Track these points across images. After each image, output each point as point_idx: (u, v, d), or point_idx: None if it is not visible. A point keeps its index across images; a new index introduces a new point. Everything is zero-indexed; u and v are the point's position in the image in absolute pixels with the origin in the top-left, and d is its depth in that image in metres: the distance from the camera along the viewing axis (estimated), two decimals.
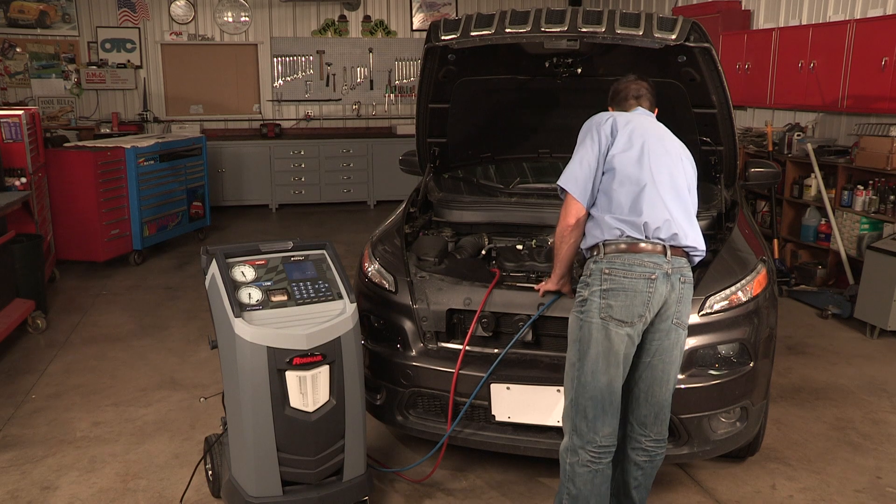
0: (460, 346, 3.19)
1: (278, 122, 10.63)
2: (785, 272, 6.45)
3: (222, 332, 2.79)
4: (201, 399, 4.26)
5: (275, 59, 10.59)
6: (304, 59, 10.68)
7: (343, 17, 10.77)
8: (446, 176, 4.39)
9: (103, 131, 9.77)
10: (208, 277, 2.88)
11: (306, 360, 2.73)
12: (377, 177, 10.40)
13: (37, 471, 3.53)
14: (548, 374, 3.09)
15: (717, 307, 3.09)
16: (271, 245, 2.99)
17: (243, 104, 10.67)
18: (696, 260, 2.82)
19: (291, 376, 2.74)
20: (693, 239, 2.76)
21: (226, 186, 9.99)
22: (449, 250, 3.75)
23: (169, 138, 8.15)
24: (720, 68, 3.40)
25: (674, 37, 3.20)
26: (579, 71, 3.79)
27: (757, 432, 3.39)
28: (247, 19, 10.48)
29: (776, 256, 6.52)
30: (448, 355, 3.21)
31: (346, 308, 2.88)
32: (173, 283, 6.72)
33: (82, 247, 6.88)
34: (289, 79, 10.68)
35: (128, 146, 7.13)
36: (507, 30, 3.33)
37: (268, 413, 2.73)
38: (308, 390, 2.77)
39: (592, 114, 4.13)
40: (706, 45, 3.28)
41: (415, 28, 11.01)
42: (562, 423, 2.83)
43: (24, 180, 6.01)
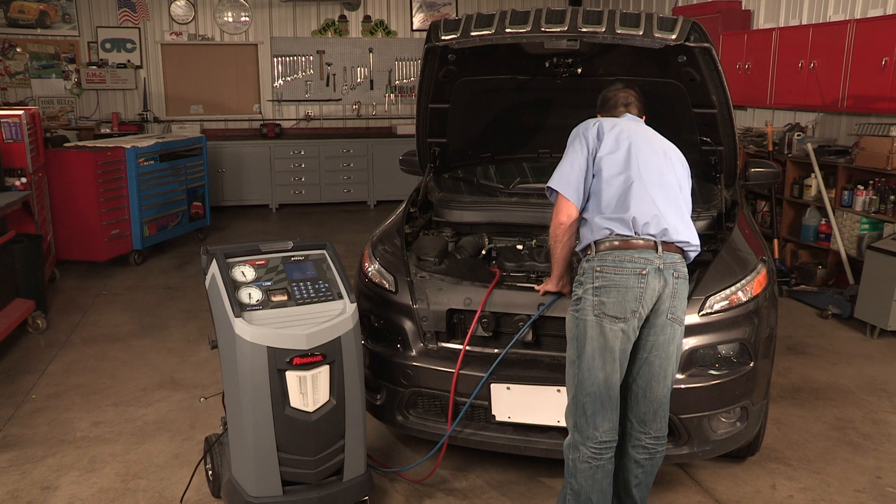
0: (460, 346, 3.19)
1: (278, 122, 10.63)
2: (785, 272, 6.45)
3: (222, 332, 2.79)
4: (201, 399, 4.26)
5: (275, 59, 10.59)
6: (304, 59, 10.68)
7: (343, 17, 10.77)
8: (446, 176, 4.39)
9: (103, 131, 9.77)
10: (208, 277, 2.88)
11: (306, 360, 2.73)
12: (377, 177, 10.40)
13: (37, 471, 3.53)
14: (548, 374, 3.09)
15: (717, 307, 3.09)
16: (271, 245, 2.99)
17: (243, 104, 10.67)
18: (692, 255, 2.83)
19: (291, 376, 2.74)
20: (685, 235, 2.77)
21: (226, 186, 9.99)
22: (449, 250, 3.75)
23: (169, 138, 8.15)
24: (720, 68, 3.40)
25: (674, 37, 3.20)
26: (579, 71, 3.79)
27: (757, 432, 3.39)
28: (247, 19, 10.48)
29: (776, 256, 6.53)
30: (448, 355, 3.21)
31: (347, 308, 2.88)
32: (173, 283, 6.72)
33: (82, 247, 6.88)
34: (289, 79, 10.68)
35: (128, 146, 7.13)
36: (507, 30, 3.33)
37: (268, 413, 2.73)
38: (308, 390, 2.77)
39: (593, 114, 4.12)
40: (706, 45, 3.28)
41: (415, 28, 11.01)
42: (565, 421, 2.86)
43: (24, 180, 6.01)
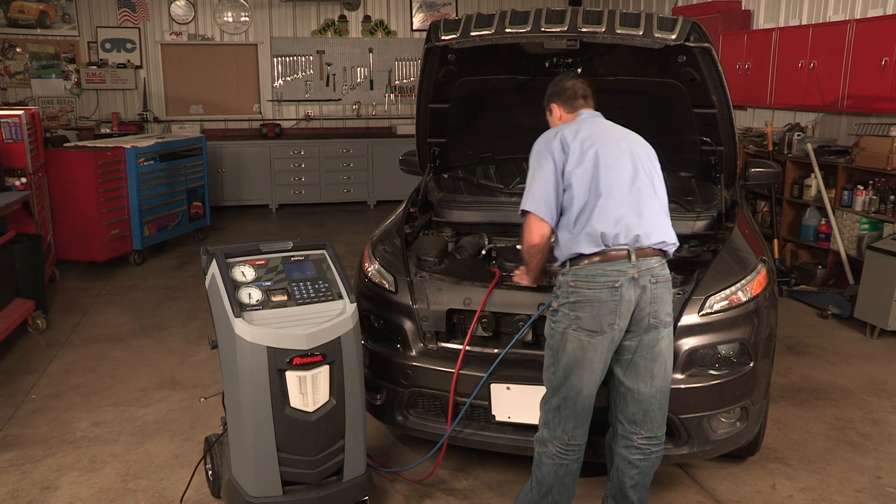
0: (460, 346, 3.19)
1: (278, 122, 10.63)
2: (785, 272, 6.45)
3: (222, 332, 2.79)
4: (201, 399, 4.26)
5: (275, 59, 10.59)
6: (304, 59, 10.68)
7: (343, 17, 10.77)
8: (446, 176, 4.39)
9: (103, 131, 9.77)
10: (208, 277, 2.88)
11: (306, 360, 2.73)
12: (377, 177, 10.39)
13: (37, 471, 3.53)
14: None
15: (717, 307, 3.09)
16: (271, 245, 2.99)
17: (243, 104, 10.67)
18: (671, 252, 2.82)
19: (291, 376, 2.74)
20: (660, 235, 2.76)
21: (226, 186, 9.99)
22: (449, 250, 3.75)
23: (169, 138, 8.15)
24: (720, 68, 3.40)
25: (674, 37, 3.20)
26: (579, 71, 3.79)
27: (757, 432, 3.39)
28: (247, 19, 10.48)
29: (776, 256, 6.52)
30: (448, 355, 3.21)
31: (346, 308, 2.88)
32: (173, 283, 6.72)
33: (82, 247, 6.88)
34: (289, 79, 10.68)
35: (128, 146, 7.13)
36: (507, 30, 3.33)
37: (268, 413, 2.73)
38: (308, 390, 2.77)
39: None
40: (706, 45, 3.28)
41: (415, 28, 11.00)
42: (539, 412, 2.89)
43: (24, 180, 6.01)
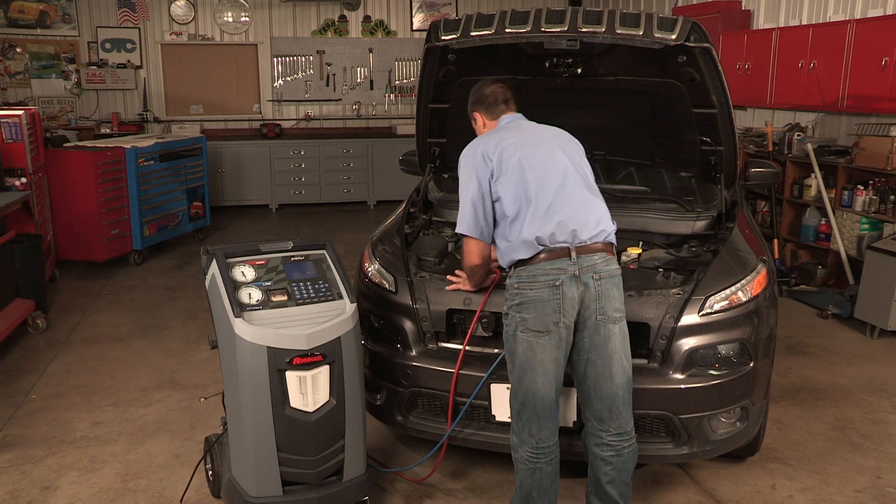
0: (460, 346, 3.19)
1: (278, 122, 10.62)
2: (785, 272, 6.45)
3: (222, 332, 2.79)
4: (201, 399, 4.26)
5: (275, 59, 10.58)
6: (304, 59, 10.68)
7: (343, 17, 10.77)
8: (446, 176, 4.39)
9: (103, 131, 9.77)
10: (208, 277, 2.88)
11: (306, 360, 2.73)
12: (377, 177, 10.39)
13: (37, 471, 3.53)
14: None
15: (717, 307, 3.09)
16: (271, 245, 2.98)
17: (243, 104, 10.67)
18: (611, 236, 2.84)
19: (291, 376, 2.74)
20: (595, 223, 2.78)
21: (226, 186, 9.99)
22: (449, 250, 3.75)
23: (169, 138, 8.15)
24: (720, 68, 3.40)
25: (674, 37, 3.20)
26: (579, 71, 3.79)
27: (757, 432, 3.39)
28: (247, 19, 10.48)
29: (776, 256, 6.52)
30: (448, 355, 3.21)
31: (346, 308, 2.88)
32: (173, 283, 6.72)
33: (82, 247, 6.87)
34: (289, 79, 10.68)
35: (128, 146, 7.13)
36: (507, 30, 3.32)
37: (268, 413, 2.73)
38: (308, 390, 2.77)
39: (592, 113, 4.12)
40: (706, 45, 3.28)
41: (415, 28, 11.00)
42: None
43: (24, 180, 6.01)
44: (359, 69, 10.88)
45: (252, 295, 2.81)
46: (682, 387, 3.00)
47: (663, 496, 3.34)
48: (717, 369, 3.07)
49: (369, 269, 3.53)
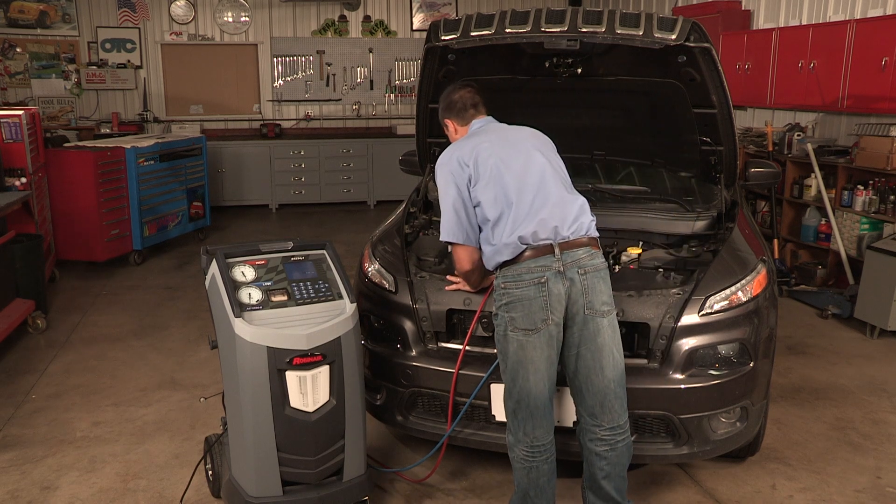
0: (460, 346, 3.19)
1: (278, 122, 10.63)
2: (785, 272, 6.45)
3: (222, 332, 2.79)
4: (201, 399, 4.26)
5: (275, 59, 10.58)
6: (304, 59, 10.68)
7: (343, 17, 10.77)
8: None
9: (103, 131, 9.77)
10: (208, 277, 2.88)
11: (306, 360, 2.73)
12: (377, 177, 10.39)
13: (37, 471, 3.53)
14: None
15: (717, 307, 3.09)
16: (271, 245, 2.98)
17: (243, 104, 10.67)
18: (592, 228, 2.84)
19: (291, 376, 2.74)
20: (574, 218, 2.79)
21: (226, 186, 9.99)
22: (448, 250, 3.74)
23: (169, 138, 8.15)
24: (720, 68, 3.40)
25: (674, 37, 3.20)
26: (579, 71, 3.79)
27: (757, 432, 3.39)
28: (247, 19, 10.48)
29: (776, 256, 6.52)
30: (448, 355, 3.21)
31: (346, 308, 2.88)
32: (173, 283, 6.72)
33: (82, 247, 6.87)
34: (289, 79, 10.68)
35: (128, 146, 7.13)
36: (507, 30, 3.32)
37: (268, 413, 2.73)
38: (308, 390, 2.77)
39: (592, 113, 4.11)
40: (706, 45, 3.28)
41: (415, 28, 11.00)
42: None
43: (24, 180, 6.01)
44: (359, 69, 10.88)
45: (252, 295, 2.81)
46: (682, 387, 3.00)
47: (663, 496, 3.34)
48: (716, 369, 3.07)
49: (369, 269, 3.53)
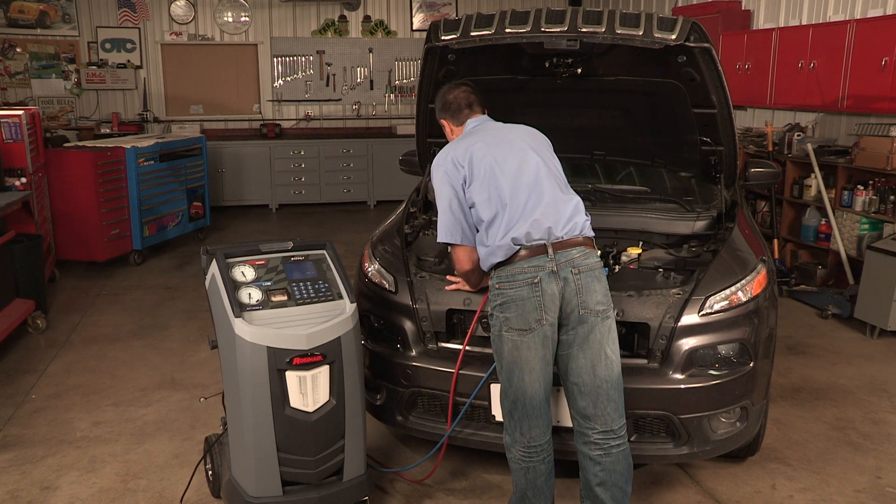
0: (460, 346, 3.19)
1: (278, 122, 10.63)
2: (785, 272, 6.45)
3: (222, 332, 2.79)
4: (201, 399, 4.26)
5: (275, 59, 10.59)
6: (304, 59, 10.68)
7: (343, 17, 10.77)
8: None
9: (103, 131, 9.77)
10: (208, 277, 2.88)
11: (306, 360, 2.73)
12: (377, 177, 10.40)
13: (37, 471, 3.53)
14: None
15: (717, 307, 3.09)
16: (271, 245, 2.98)
17: (243, 104, 10.67)
18: (587, 228, 2.83)
19: (291, 376, 2.74)
20: (568, 218, 2.78)
21: (226, 186, 9.99)
22: (448, 250, 3.74)
23: (169, 138, 8.15)
24: (720, 68, 3.40)
25: (674, 37, 3.20)
26: (579, 71, 3.79)
27: (757, 432, 3.39)
28: (247, 19, 10.48)
29: (776, 256, 6.52)
30: (448, 355, 3.21)
31: (346, 308, 2.88)
32: (173, 283, 6.72)
33: (82, 247, 6.87)
34: (289, 79, 10.68)
35: (128, 146, 7.13)
36: (507, 30, 3.32)
37: (268, 413, 2.73)
38: (308, 390, 2.77)
39: (592, 113, 4.11)
40: (706, 45, 3.28)
41: (415, 28, 11.00)
42: None
43: (24, 180, 6.01)
44: (359, 69, 10.88)
45: (252, 295, 2.81)
46: (682, 387, 3.00)
47: (663, 496, 3.34)
48: (716, 369, 3.07)
49: (369, 269, 3.53)
